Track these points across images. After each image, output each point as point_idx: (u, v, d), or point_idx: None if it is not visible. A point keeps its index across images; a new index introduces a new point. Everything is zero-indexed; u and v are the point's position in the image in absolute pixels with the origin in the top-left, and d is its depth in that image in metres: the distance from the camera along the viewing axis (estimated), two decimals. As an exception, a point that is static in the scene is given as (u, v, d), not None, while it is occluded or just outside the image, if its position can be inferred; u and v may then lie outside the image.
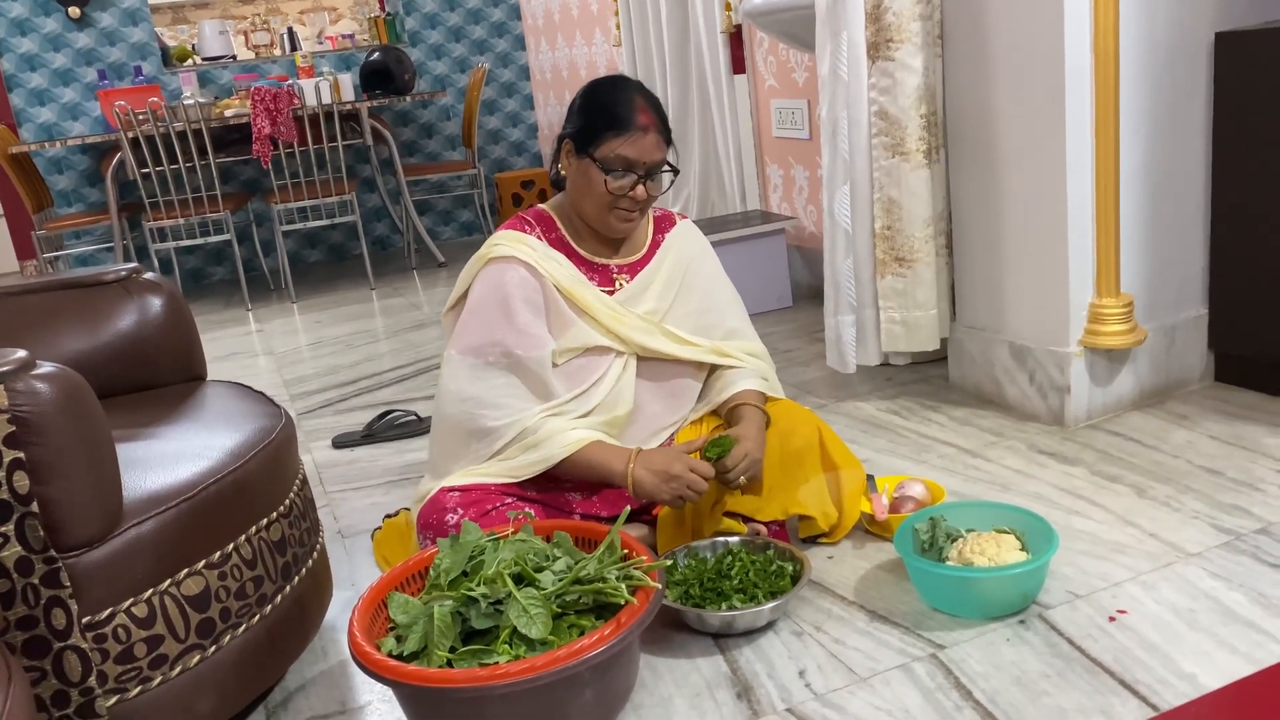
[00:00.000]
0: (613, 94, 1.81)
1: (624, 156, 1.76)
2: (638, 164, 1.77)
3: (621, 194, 1.78)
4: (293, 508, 1.63)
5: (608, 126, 1.76)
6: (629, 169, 1.77)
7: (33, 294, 1.91)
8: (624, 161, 1.76)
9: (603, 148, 1.77)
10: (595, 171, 1.78)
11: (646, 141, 1.77)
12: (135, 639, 1.34)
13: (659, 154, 1.80)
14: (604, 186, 1.78)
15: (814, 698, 1.47)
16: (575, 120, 1.82)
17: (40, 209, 4.82)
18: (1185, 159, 2.32)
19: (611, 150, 1.76)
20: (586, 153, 1.78)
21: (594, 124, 1.78)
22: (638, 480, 1.70)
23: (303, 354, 3.82)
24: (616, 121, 1.76)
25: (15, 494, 1.23)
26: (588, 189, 1.80)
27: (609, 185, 1.77)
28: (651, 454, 1.73)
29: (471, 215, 6.01)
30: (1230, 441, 2.13)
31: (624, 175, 1.77)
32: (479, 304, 1.81)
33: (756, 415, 1.85)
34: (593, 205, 1.81)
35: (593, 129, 1.78)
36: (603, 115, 1.78)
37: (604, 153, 1.76)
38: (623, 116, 1.76)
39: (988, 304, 2.47)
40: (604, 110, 1.78)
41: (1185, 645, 1.49)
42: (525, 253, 1.82)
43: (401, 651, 1.39)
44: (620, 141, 1.76)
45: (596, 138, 1.77)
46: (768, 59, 3.77)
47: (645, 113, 1.78)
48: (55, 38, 5.18)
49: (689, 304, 1.94)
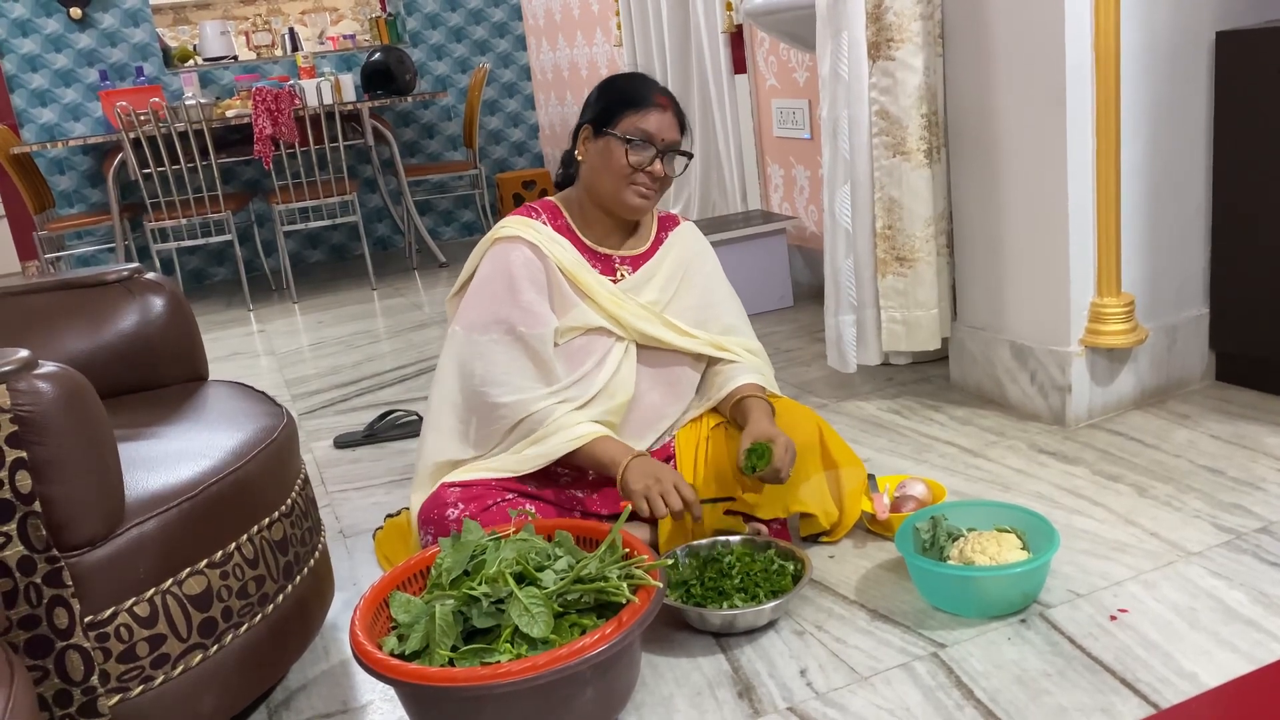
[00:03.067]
0: (630, 81, 1.89)
1: (643, 129, 1.81)
2: (656, 138, 1.82)
3: (640, 167, 1.82)
4: (294, 507, 1.64)
5: (627, 105, 1.83)
6: (648, 141, 1.81)
7: (35, 294, 1.91)
8: (643, 134, 1.81)
9: (622, 123, 1.82)
10: (616, 145, 1.81)
11: (664, 119, 1.83)
12: (137, 638, 1.34)
13: (675, 134, 1.85)
14: (624, 158, 1.81)
15: (815, 697, 1.47)
16: (593, 107, 1.87)
17: (42, 209, 4.82)
18: (1186, 158, 2.32)
19: (632, 124, 1.82)
20: (606, 131, 1.83)
21: (612, 105, 1.84)
22: (625, 476, 1.72)
23: (304, 354, 3.82)
24: (635, 100, 1.83)
25: (17, 493, 1.23)
26: (606, 165, 1.83)
27: (629, 157, 1.81)
28: (655, 461, 1.74)
29: (473, 215, 6.02)
30: (1231, 441, 2.13)
31: (644, 148, 1.81)
32: (484, 282, 1.85)
33: (767, 406, 1.87)
34: (611, 180, 1.84)
35: (611, 109, 1.84)
36: (621, 96, 1.85)
37: (624, 127, 1.82)
38: (642, 95, 1.84)
39: (989, 303, 2.47)
40: (622, 92, 1.86)
41: (1186, 644, 1.49)
42: (530, 234, 1.85)
43: (403, 651, 1.39)
44: (639, 116, 1.82)
45: (615, 116, 1.83)
46: (768, 59, 3.77)
47: (661, 95, 1.86)
48: (57, 38, 5.18)
49: (688, 299, 1.96)
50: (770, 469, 1.73)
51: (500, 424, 1.80)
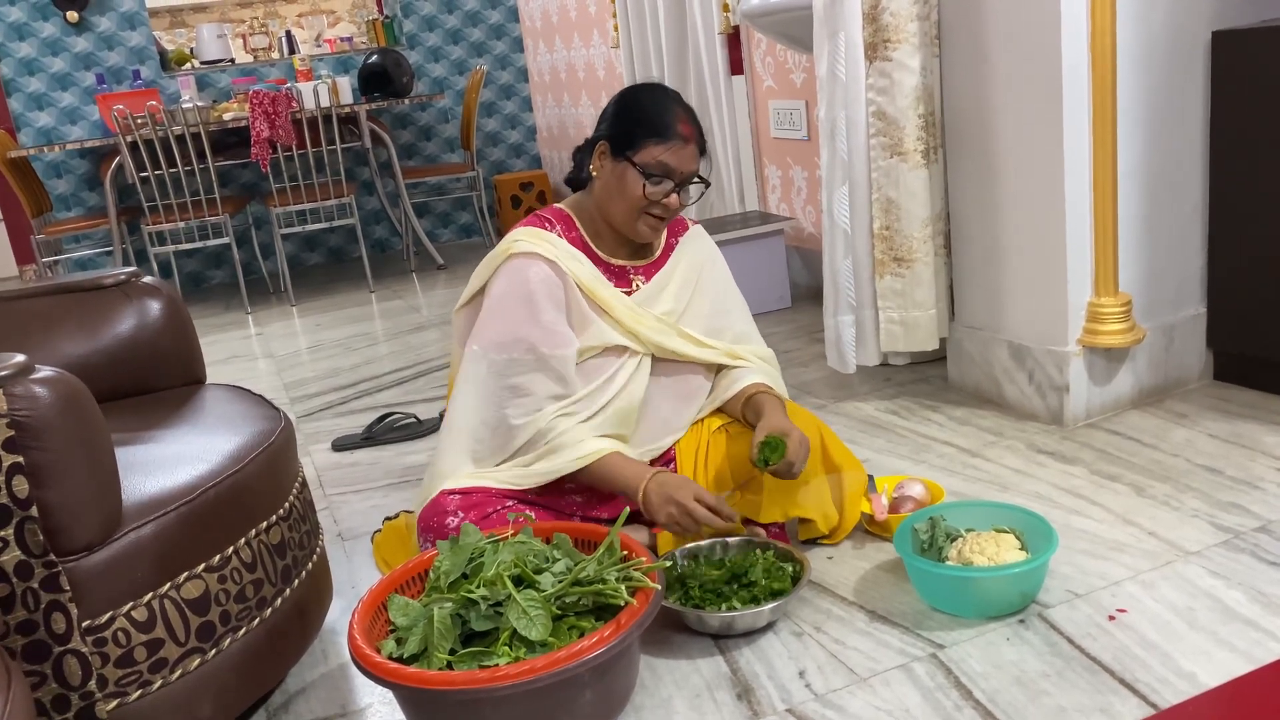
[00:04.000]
0: (654, 101, 1.82)
1: (664, 163, 1.77)
2: (676, 172, 1.78)
3: (656, 200, 1.79)
4: (292, 511, 1.63)
5: (651, 133, 1.77)
6: (667, 175, 1.78)
7: (32, 298, 1.91)
8: (663, 168, 1.77)
9: (643, 153, 1.77)
10: (633, 175, 1.78)
11: (686, 152, 1.79)
12: (135, 643, 1.34)
13: (695, 165, 1.81)
14: (641, 191, 1.78)
15: (814, 698, 1.47)
16: (614, 124, 1.82)
17: (39, 213, 4.81)
18: (1183, 158, 2.32)
19: (652, 156, 1.77)
20: (625, 156, 1.78)
21: (634, 129, 1.78)
22: (647, 498, 1.71)
23: (302, 357, 3.82)
24: (660, 129, 1.77)
25: (14, 498, 1.23)
26: (621, 192, 1.80)
27: (646, 191, 1.77)
28: (666, 477, 1.72)
29: (470, 217, 6.02)
30: (1229, 440, 2.13)
31: (662, 182, 1.78)
32: (502, 299, 1.80)
33: (779, 402, 1.86)
34: (624, 209, 1.81)
35: (632, 134, 1.78)
36: (645, 121, 1.79)
37: (644, 158, 1.77)
38: (666, 124, 1.77)
39: (986, 303, 2.47)
40: (646, 116, 1.79)
41: (1185, 644, 1.49)
42: (548, 250, 1.81)
43: (401, 654, 1.39)
44: (662, 149, 1.77)
45: (637, 142, 1.77)
46: (765, 60, 3.77)
47: (686, 124, 1.80)
48: (53, 42, 5.18)
49: (701, 306, 1.95)
50: (784, 463, 1.72)
51: (514, 442, 1.78)
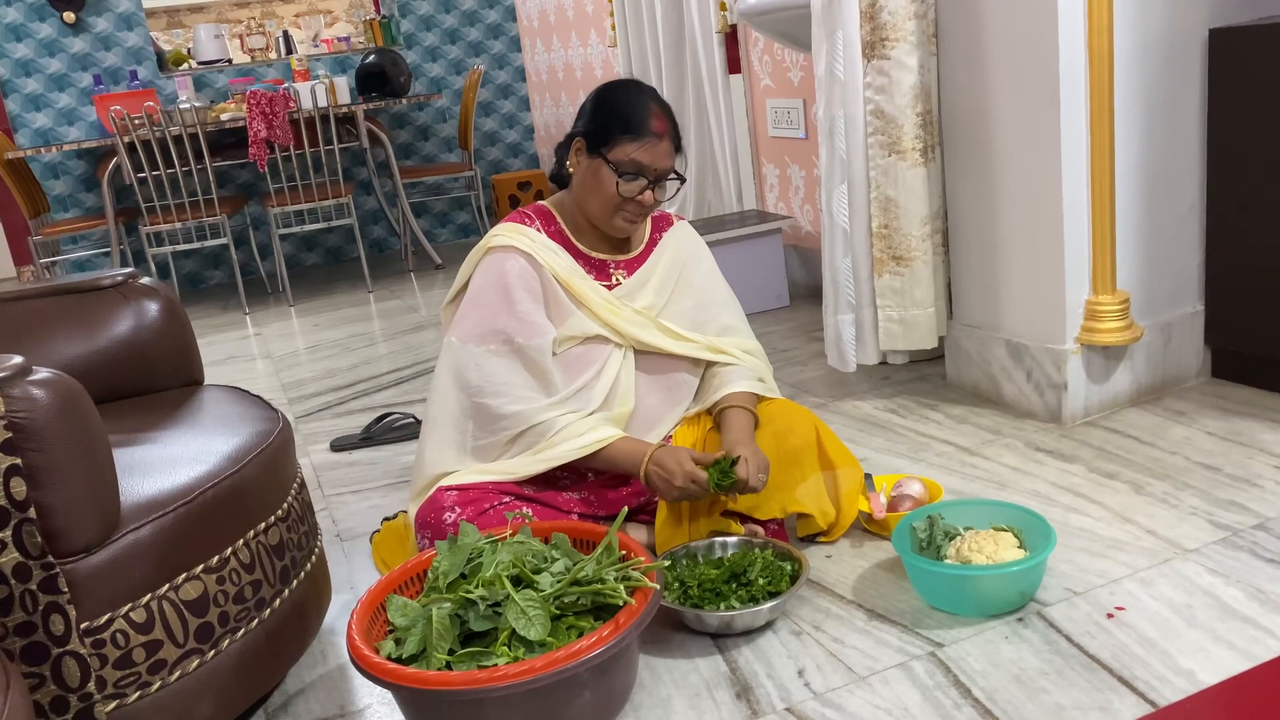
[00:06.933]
0: (629, 98, 1.83)
1: (636, 161, 1.78)
2: (649, 169, 1.80)
3: (630, 197, 1.80)
4: (291, 511, 1.63)
5: (623, 130, 1.79)
6: (640, 173, 1.79)
7: (29, 299, 1.90)
8: (636, 165, 1.79)
9: (616, 150, 1.79)
10: (606, 172, 1.79)
11: (660, 149, 1.80)
12: (134, 644, 1.34)
13: (669, 162, 1.82)
14: (614, 188, 1.80)
15: (813, 697, 1.47)
16: (588, 120, 1.84)
17: (37, 214, 4.81)
18: (1180, 155, 2.32)
19: (625, 153, 1.78)
20: (598, 153, 1.80)
21: (608, 125, 1.80)
22: (649, 483, 1.74)
23: (300, 357, 3.82)
24: (632, 125, 1.79)
25: (12, 500, 1.22)
26: (596, 188, 1.82)
27: (619, 187, 1.79)
28: (662, 456, 1.73)
29: (468, 217, 6.01)
30: (1227, 437, 2.13)
31: (635, 179, 1.79)
32: (479, 292, 1.84)
33: (741, 418, 1.85)
34: (599, 205, 1.83)
35: (607, 130, 1.80)
36: (618, 118, 1.80)
37: (617, 155, 1.79)
38: (639, 121, 1.79)
39: (984, 302, 2.47)
40: (620, 113, 1.81)
41: (1183, 641, 1.49)
42: (524, 243, 1.84)
43: (400, 654, 1.39)
44: (634, 146, 1.78)
45: (610, 139, 1.79)
46: (763, 59, 3.77)
47: (660, 120, 1.80)
48: (50, 43, 5.18)
49: (684, 301, 1.96)
50: (739, 482, 1.71)
51: (502, 434, 1.79)
